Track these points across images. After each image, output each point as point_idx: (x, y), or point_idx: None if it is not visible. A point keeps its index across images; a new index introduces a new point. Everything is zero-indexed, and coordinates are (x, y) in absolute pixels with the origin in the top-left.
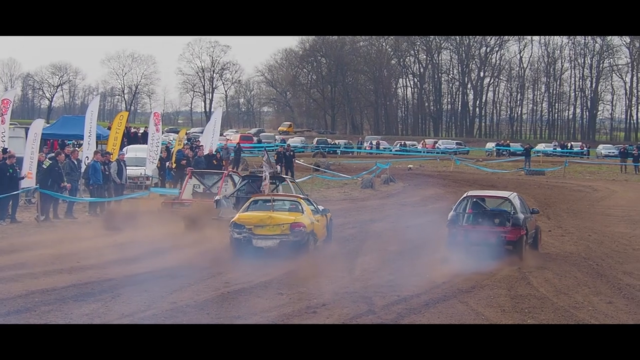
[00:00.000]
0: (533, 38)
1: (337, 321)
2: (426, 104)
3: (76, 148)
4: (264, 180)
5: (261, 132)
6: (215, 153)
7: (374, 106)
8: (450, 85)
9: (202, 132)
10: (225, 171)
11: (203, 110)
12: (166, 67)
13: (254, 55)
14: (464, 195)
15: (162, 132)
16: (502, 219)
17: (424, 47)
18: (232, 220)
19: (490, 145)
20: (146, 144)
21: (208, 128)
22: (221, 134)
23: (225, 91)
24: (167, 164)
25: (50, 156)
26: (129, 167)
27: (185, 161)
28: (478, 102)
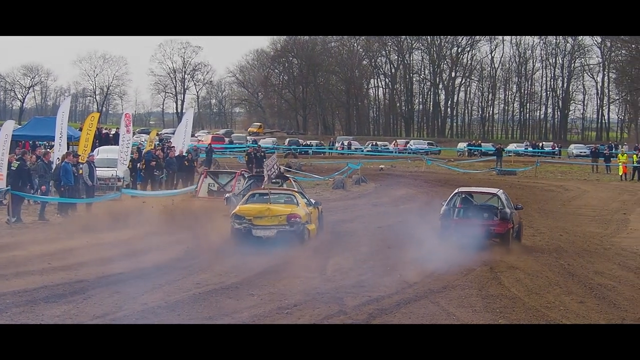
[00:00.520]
0: (504, 38)
1: (309, 322)
2: (398, 104)
3: (48, 150)
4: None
5: (230, 132)
6: (186, 154)
7: (346, 106)
8: (422, 85)
9: (173, 133)
10: (238, 171)
11: (175, 111)
12: (138, 68)
13: (226, 56)
14: (455, 192)
15: (134, 134)
16: (490, 213)
17: (395, 48)
18: (233, 212)
19: (462, 145)
20: (117, 145)
21: (180, 129)
22: (193, 135)
23: (197, 92)
24: (138, 165)
25: (18, 157)
26: (100, 169)
27: (154, 162)
28: (449, 102)
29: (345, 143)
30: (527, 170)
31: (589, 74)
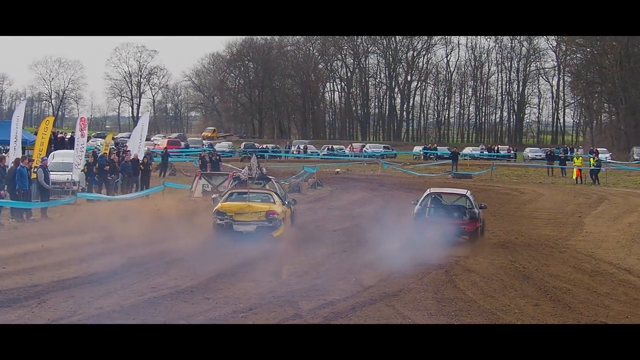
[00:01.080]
0: (460, 42)
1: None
2: (353, 107)
3: (4, 154)
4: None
5: (183, 136)
6: (140, 159)
7: (302, 110)
8: (378, 89)
9: (129, 137)
10: (231, 172)
11: (130, 115)
12: (93, 72)
13: (182, 60)
14: (427, 192)
15: (89, 138)
16: (460, 212)
17: (351, 51)
18: (215, 209)
19: (418, 148)
20: (73, 149)
21: (135, 133)
22: (148, 139)
23: (153, 96)
24: (94, 168)
25: None
26: (55, 173)
27: (108, 167)
28: (405, 105)
29: (301, 147)
30: (483, 174)
31: (545, 77)
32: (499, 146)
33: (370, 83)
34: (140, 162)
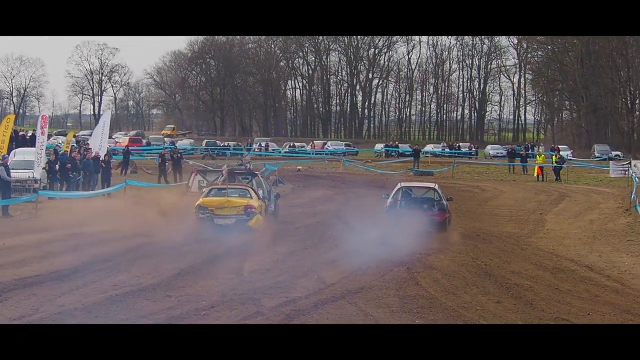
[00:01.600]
0: (421, 39)
1: (226, 323)
2: (315, 105)
3: None
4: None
5: (140, 134)
6: (102, 156)
7: (263, 108)
8: (339, 86)
9: (91, 135)
10: (224, 168)
11: (92, 112)
12: (55, 70)
13: (143, 58)
14: (398, 186)
15: (51, 136)
16: (429, 204)
17: (313, 49)
18: (197, 204)
19: (379, 146)
20: (34, 147)
21: (97, 131)
22: (110, 137)
23: (114, 94)
24: (55, 166)
25: None
26: (17, 170)
27: (70, 164)
28: (367, 103)
29: (263, 144)
30: (444, 171)
31: (506, 75)
32: (460, 144)
33: (331, 81)
34: (102, 159)
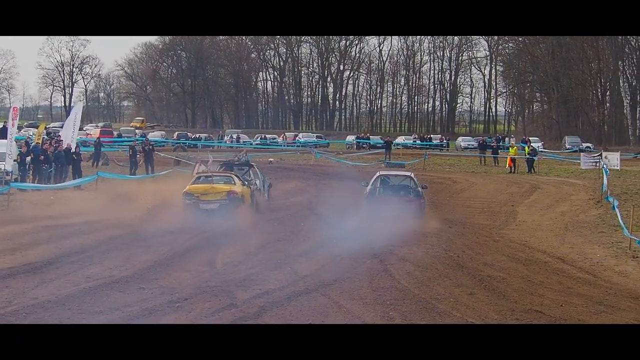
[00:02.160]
0: None
1: (199, 315)
2: (286, 97)
3: None
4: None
5: (107, 126)
6: (74, 148)
7: (234, 100)
8: (310, 78)
9: (62, 127)
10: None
11: (63, 104)
12: (26, 62)
13: (114, 50)
14: (377, 175)
15: (22, 128)
16: (406, 191)
17: (284, 41)
18: (184, 191)
19: (351, 138)
20: (5, 139)
21: (68, 122)
22: (81, 129)
23: (85, 85)
24: (27, 158)
25: None
26: None
27: (42, 156)
28: (338, 95)
29: (234, 136)
30: (416, 163)
31: (477, 67)
32: (432, 135)
33: (302, 72)
34: (73, 151)
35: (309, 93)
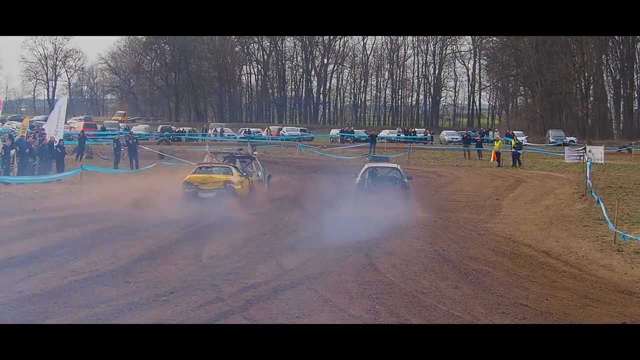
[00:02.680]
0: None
1: (186, 309)
2: (270, 90)
3: None
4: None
5: (88, 119)
6: (57, 141)
7: (218, 93)
8: (294, 72)
9: (45, 120)
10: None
11: (46, 98)
12: (9, 55)
13: (97, 43)
14: (365, 167)
15: (4, 121)
16: (393, 182)
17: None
18: (184, 180)
19: (335, 131)
20: None
21: (52, 116)
22: (65, 122)
23: (69, 79)
24: (11, 152)
25: None
26: None
27: (28, 150)
28: (322, 88)
29: (218, 130)
30: (400, 157)
31: (460, 60)
32: (416, 129)
33: (287, 66)
34: (57, 145)
35: (293, 86)
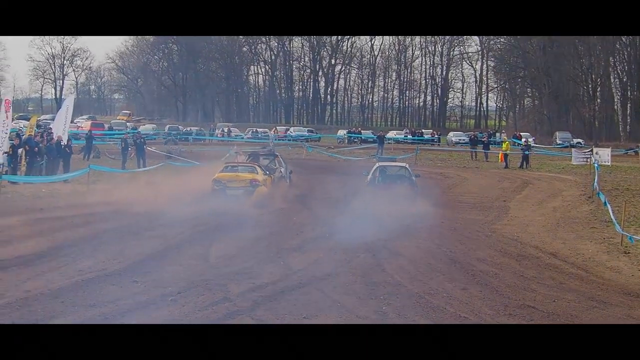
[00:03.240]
0: None
1: (193, 309)
2: (278, 91)
3: None
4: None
5: (92, 118)
6: (66, 141)
7: (226, 93)
8: (302, 72)
9: (53, 119)
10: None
11: (53, 97)
12: (16, 54)
13: (105, 42)
14: (376, 165)
15: (13, 120)
16: (402, 180)
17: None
18: (213, 178)
19: (342, 132)
20: None
21: (60, 115)
22: (72, 121)
23: (76, 78)
24: (19, 151)
25: None
26: None
27: (37, 149)
28: (329, 89)
29: (226, 130)
30: (408, 158)
31: (468, 62)
32: (423, 130)
33: (294, 66)
34: (65, 144)
35: (300, 87)
